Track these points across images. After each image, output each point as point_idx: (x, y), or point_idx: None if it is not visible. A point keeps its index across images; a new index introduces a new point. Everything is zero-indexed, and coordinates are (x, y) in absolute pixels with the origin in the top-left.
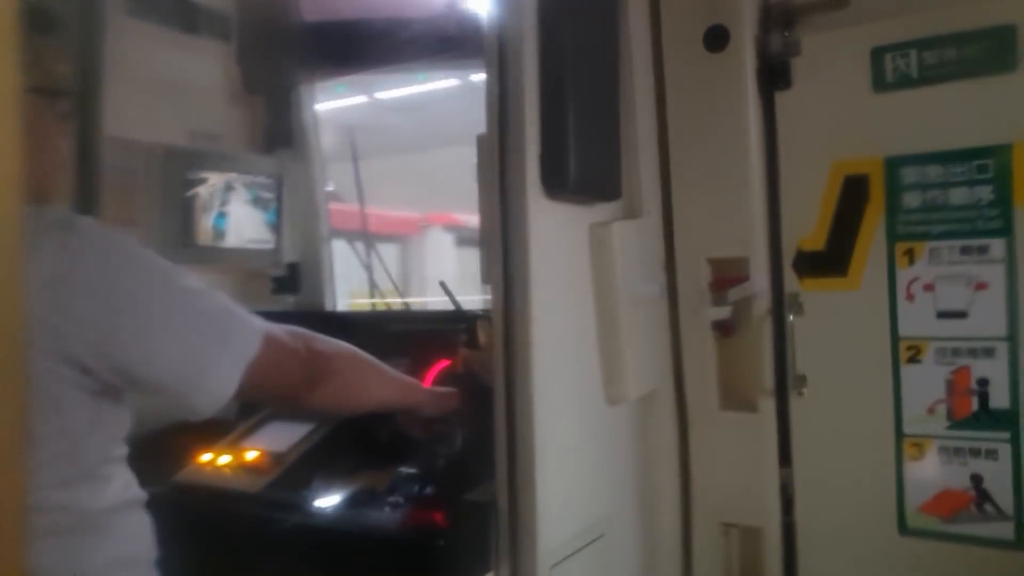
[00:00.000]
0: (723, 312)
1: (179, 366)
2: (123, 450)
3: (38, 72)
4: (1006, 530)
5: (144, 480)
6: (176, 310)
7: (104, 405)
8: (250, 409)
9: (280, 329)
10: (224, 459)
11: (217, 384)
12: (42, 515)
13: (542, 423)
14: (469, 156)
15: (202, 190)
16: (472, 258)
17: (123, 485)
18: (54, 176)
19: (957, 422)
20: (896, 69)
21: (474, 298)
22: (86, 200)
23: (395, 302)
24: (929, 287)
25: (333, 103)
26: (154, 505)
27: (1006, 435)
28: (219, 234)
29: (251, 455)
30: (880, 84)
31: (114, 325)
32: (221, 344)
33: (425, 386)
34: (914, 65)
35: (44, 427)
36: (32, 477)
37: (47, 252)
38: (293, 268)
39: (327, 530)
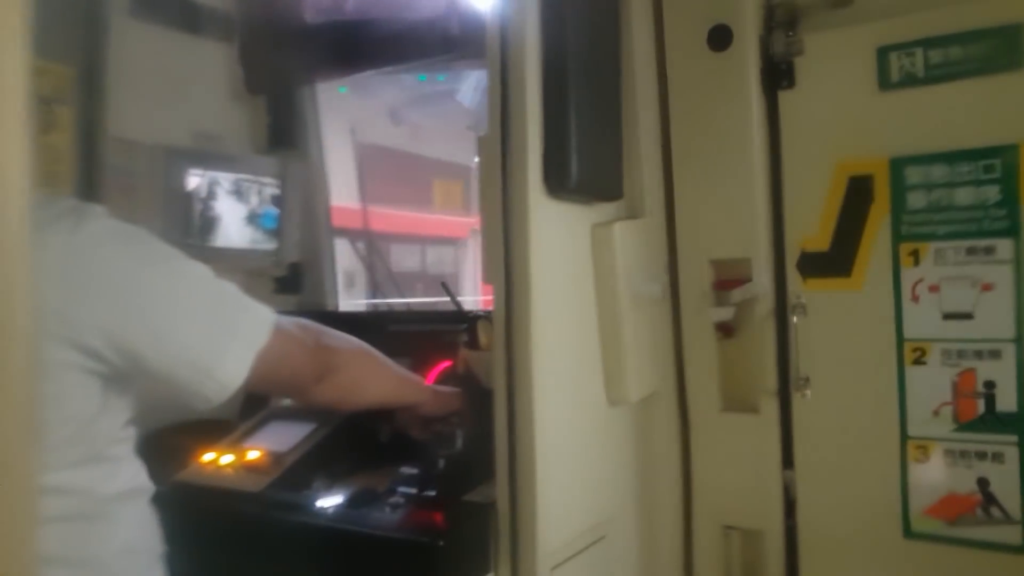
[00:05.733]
0: (726, 313)
1: (189, 353)
2: (130, 432)
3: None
4: (1013, 534)
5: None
6: (186, 297)
7: (114, 389)
8: (252, 408)
9: (289, 321)
10: (226, 459)
11: (227, 372)
12: (52, 498)
13: (543, 424)
14: None
15: (204, 191)
16: None
17: (132, 471)
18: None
19: (963, 425)
20: (902, 68)
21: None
22: (90, 200)
23: (398, 302)
24: (935, 288)
25: None
26: (157, 504)
27: (1013, 438)
28: (220, 235)
29: (252, 455)
30: (885, 83)
31: (124, 311)
32: (231, 332)
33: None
34: (920, 64)
35: (54, 412)
36: (42, 460)
37: (58, 239)
38: (295, 268)
39: (328, 530)
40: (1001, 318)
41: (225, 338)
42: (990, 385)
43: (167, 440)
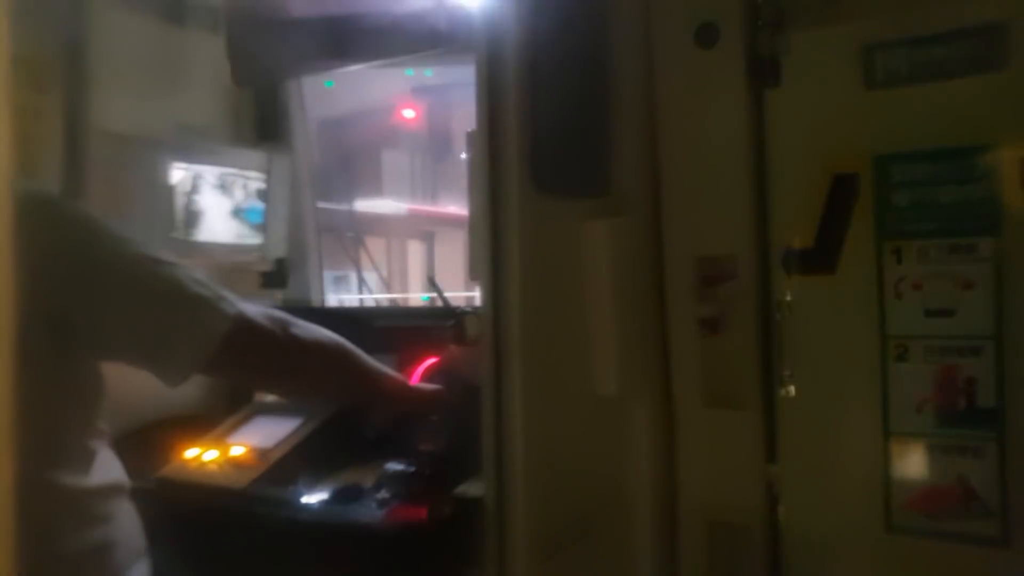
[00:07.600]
0: (710, 309)
1: (144, 334)
2: (103, 424)
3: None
4: (992, 527)
5: (130, 475)
6: (140, 279)
7: (77, 373)
8: (237, 403)
9: (256, 310)
10: (210, 455)
11: (185, 355)
12: (26, 493)
13: (529, 419)
14: None
15: (188, 184)
16: None
17: (107, 466)
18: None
19: (944, 420)
20: (887, 67)
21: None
22: (73, 191)
23: (383, 297)
24: (917, 285)
25: None
26: (140, 500)
27: (992, 433)
28: (205, 229)
29: (238, 451)
30: (871, 82)
31: (72, 291)
32: (190, 316)
33: (412, 382)
34: (905, 63)
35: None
36: (21, 456)
37: None
38: (281, 263)
39: (314, 526)
40: (982, 315)
41: (183, 321)
42: (971, 381)
43: (151, 435)
